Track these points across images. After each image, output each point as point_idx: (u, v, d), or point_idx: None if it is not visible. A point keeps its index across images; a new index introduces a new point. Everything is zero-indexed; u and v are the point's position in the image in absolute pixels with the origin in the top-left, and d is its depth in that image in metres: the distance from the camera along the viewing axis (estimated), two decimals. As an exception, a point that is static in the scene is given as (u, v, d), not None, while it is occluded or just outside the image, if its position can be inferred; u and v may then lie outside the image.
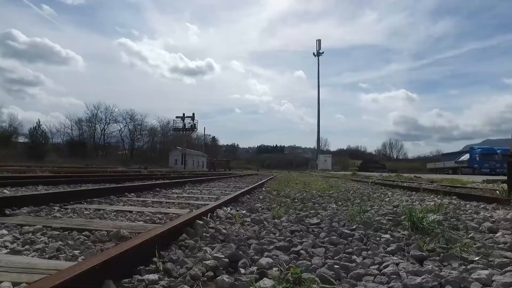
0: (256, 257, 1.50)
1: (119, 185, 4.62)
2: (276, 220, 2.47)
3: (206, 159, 58.81)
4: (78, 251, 1.71)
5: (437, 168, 42.90)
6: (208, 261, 1.36)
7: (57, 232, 2.09)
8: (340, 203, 3.92)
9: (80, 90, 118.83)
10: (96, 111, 59.42)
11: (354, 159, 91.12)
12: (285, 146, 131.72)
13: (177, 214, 2.99)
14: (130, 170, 17.12)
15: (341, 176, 18.44)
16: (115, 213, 2.97)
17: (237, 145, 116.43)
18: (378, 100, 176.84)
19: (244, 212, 2.89)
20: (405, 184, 9.43)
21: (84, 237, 1.99)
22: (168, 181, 7.45)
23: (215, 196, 4.87)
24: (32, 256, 1.61)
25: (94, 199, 3.73)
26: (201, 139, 74.19)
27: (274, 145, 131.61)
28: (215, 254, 1.46)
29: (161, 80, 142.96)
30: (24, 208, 2.78)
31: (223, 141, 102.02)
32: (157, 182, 6.24)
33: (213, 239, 1.83)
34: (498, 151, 34.27)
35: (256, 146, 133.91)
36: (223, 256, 1.43)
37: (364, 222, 2.30)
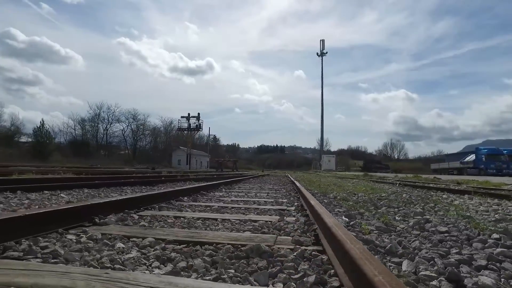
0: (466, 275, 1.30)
1: (173, 189, 4.39)
2: (398, 228, 2.27)
3: (209, 159, 58.51)
4: (233, 270, 1.49)
5: (442, 169, 42.80)
6: (433, 282, 1.15)
7: (179, 246, 1.86)
8: (418, 206, 3.71)
9: (80, 90, 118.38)
10: (98, 110, 59.04)
11: (355, 159, 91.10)
12: (285, 146, 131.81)
13: (268, 221, 2.77)
14: (148, 171, 16.85)
15: (355, 177, 18.26)
16: (200, 221, 2.74)
17: (238, 145, 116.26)
18: (378, 100, 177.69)
19: (343, 218, 2.68)
20: (430, 185, 9.23)
21: (212, 252, 1.77)
22: (203, 183, 7.24)
23: (272, 199, 4.64)
24: (196, 278, 1.39)
25: (161, 204, 3.51)
26: (203, 139, 73.90)
27: (275, 145, 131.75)
28: (424, 273, 1.25)
29: (160, 80, 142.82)
30: (110, 216, 2.56)
31: (223, 140, 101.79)
32: (197, 185, 6.00)
33: (375, 252, 1.62)
34: (505, 151, 34.28)
35: (256, 146, 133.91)
36: (435, 275, 1.23)
37: (505, 231, 2.10)
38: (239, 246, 1.88)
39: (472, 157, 36.22)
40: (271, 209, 3.61)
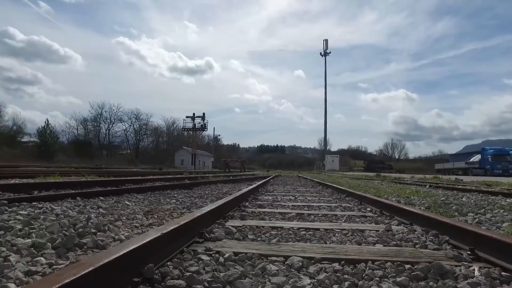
0: None
1: (235, 195, 4.13)
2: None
3: (214, 159, 58.21)
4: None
5: (446, 169, 42.69)
6: None
7: (333, 265, 1.63)
8: (504, 213, 3.51)
9: (79, 89, 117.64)
10: (100, 110, 58.54)
11: (355, 159, 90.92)
12: (285, 146, 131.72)
13: (375, 230, 2.55)
14: (159, 172, 16.57)
15: (369, 178, 18.05)
16: (304, 232, 2.51)
17: (238, 144, 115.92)
18: (378, 100, 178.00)
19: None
20: (459, 186, 9.00)
21: (382, 273, 1.53)
22: (246, 187, 7.01)
23: (333, 204, 4.41)
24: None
25: (242, 213, 3.29)
26: (204, 139, 73.53)
27: (275, 145, 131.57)
28: None
29: (160, 80, 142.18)
30: (214, 229, 2.32)
31: (223, 140, 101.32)
32: (244, 190, 5.74)
33: None
34: (510, 152, 34.23)
35: (256, 146, 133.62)
36: None
37: None
38: (399, 263, 1.65)
39: (477, 157, 36.15)
40: (352, 215, 3.37)
